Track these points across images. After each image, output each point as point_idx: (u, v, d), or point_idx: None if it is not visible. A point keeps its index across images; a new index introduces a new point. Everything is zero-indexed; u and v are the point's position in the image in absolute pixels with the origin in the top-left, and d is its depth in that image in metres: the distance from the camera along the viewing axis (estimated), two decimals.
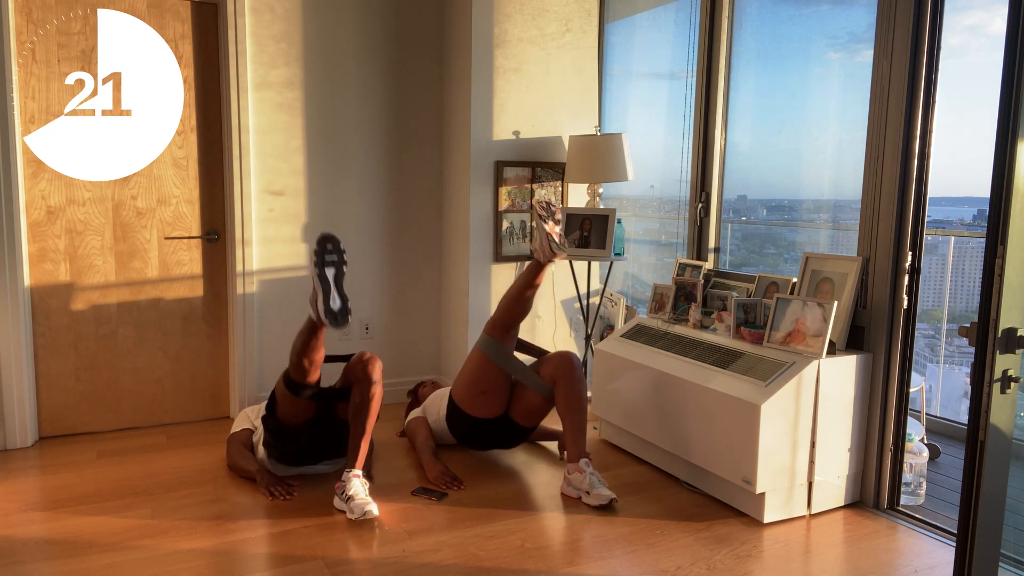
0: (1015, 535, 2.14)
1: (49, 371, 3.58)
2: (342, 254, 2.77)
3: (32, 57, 3.39)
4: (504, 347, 3.17)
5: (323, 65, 3.92)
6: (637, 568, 2.47)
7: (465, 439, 3.34)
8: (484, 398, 3.18)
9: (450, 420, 3.31)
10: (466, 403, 3.22)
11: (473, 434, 3.28)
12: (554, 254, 3.00)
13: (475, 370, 3.20)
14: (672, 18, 3.96)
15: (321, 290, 2.71)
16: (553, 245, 2.99)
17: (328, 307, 2.69)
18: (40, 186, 3.48)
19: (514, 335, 3.22)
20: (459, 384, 3.26)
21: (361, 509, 2.72)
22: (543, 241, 3.01)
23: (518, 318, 3.19)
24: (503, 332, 3.17)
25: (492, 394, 3.18)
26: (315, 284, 2.73)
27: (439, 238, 4.35)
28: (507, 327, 3.18)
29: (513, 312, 3.16)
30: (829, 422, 2.83)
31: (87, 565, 2.42)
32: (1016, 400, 1.83)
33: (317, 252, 2.74)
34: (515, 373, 3.18)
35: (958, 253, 3.94)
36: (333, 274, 2.72)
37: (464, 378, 3.24)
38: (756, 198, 3.81)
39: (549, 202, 3.09)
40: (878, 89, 2.83)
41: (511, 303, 3.15)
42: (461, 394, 3.24)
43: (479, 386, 3.18)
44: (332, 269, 2.73)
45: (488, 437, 3.30)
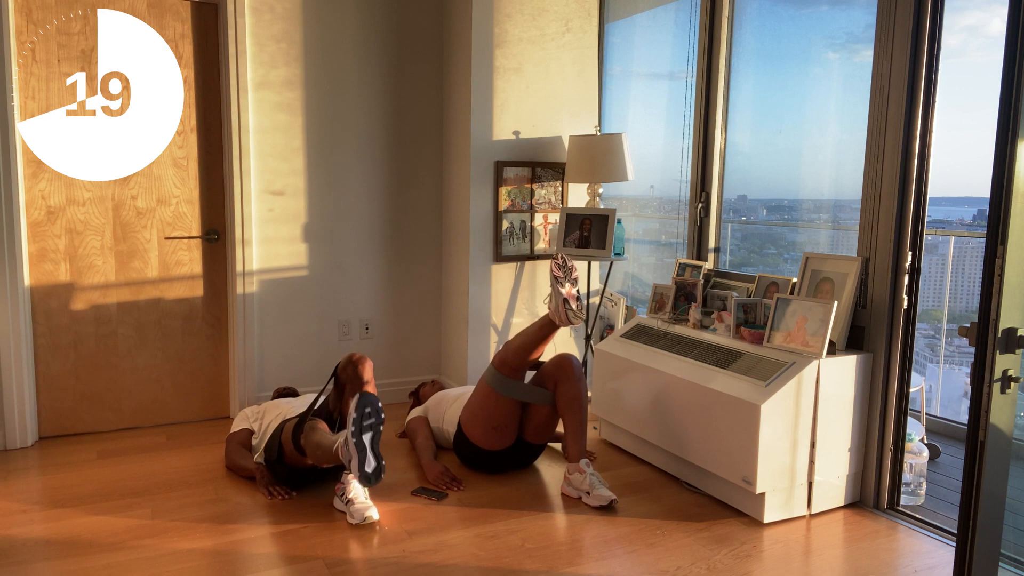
0: (1015, 535, 2.14)
1: (49, 371, 3.58)
2: (380, 416, 2.64)
3: (32, 57, 3.39)
4: (512, 381, 3.13)
5: (323, 65, 3.92)
6: (637, 568, 2.47)
7: (476, 467, 3.25)
8: (496, 433, 3.13)
9: (459, 450, 3.26)
10: (477, 438, 3.16)
11: (487, 464, 3.22)
12: (569, 321, 2.98)
13: (485, 406, 3.14)
14: (672, 18, 3.96)
15: (357, 455, 2.58)
16: (570, 313, 2.97)
17: (363, 471, 2.57)
18: (40, 186, 3.48)
19: (524, 374, 3.18)
20: (469, 417, 3.19)
21: (361, 514, 2.71)
22: (559, 306, 2.98)
23: (528, 365, 3.16)
24: (512, 372, 3.14)
25: (504, 428, 3.13)
26: (351, 449, 2.59)
27: (439, 238, 4.35)
28: (516, 370, 3.15)
29: (523, 360, 3.14)
30: (829, 422, 2.83)
31: (87, 565, 2.42)
32: (1016, 400, 1.83)
33: (356, 419, 2.59)
34: (524, 397, 3.14)
35: (958, 253, 3.94)
36: (370, 438, 2.61)
37: (473, 413, 3.18)
38: (756, 198, 3.81)
39: (565, 260, 3.03)
40: (878, 89, 2.83)
41: (522, 352, 3.12)
42: (472, 429, 3.17)
43: (490, 422, 3.13)
44: (370, 433, 2.61)
45: (503, 464, 3.24)
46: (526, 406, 3.17)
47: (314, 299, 4.05)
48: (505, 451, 3.18)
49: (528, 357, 3.13)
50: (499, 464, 3.22)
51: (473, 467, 3.25)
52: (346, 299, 4.14)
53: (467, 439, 3.20)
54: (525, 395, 3.13)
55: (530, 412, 3.17)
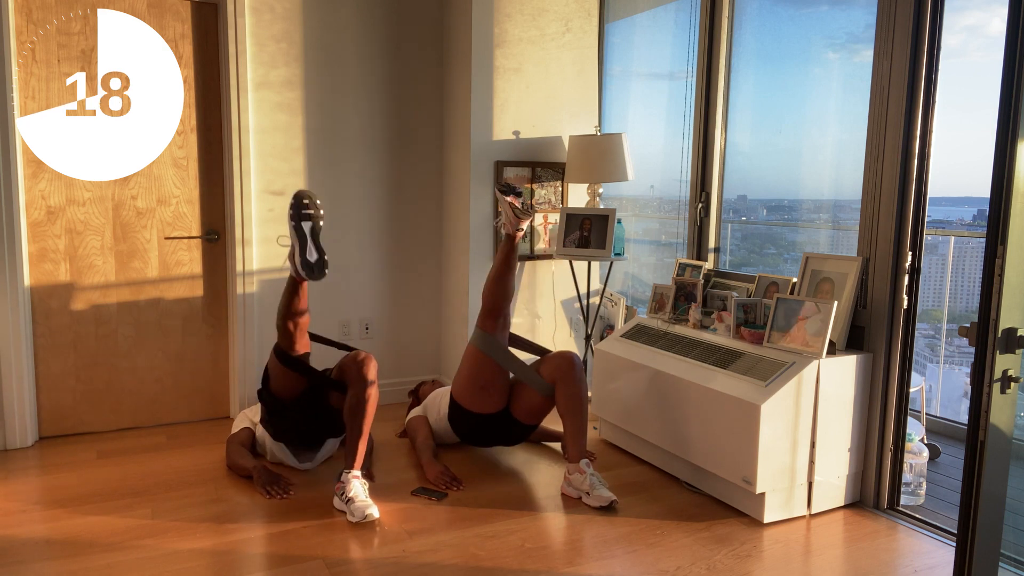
0: (1015, 535, 2.14)
1: (49, 371, 3.58)
2: (319, 208, 2.86)
3: (32, 57, 3.39)
4: (495, 339, 3.18)
5: (323, 65, 3.92)
6: (637, 568, 2.47)
7: (467, 436, 3.34)
8: (483, 393, 3.19)
9: (452, 418, 3.32)
10: (466, 399, 3.22)
11: (475, 431, 3.29)
12: (519, 219, 3.09)
13: (470, 365, 3.21)
14: (672, 18, 3.96)
15: (298, 243, 2.80)
16: (516, 211, 3.08)
17: (305, 259, 2.78)
18: (40, 186, 3.48)
19: (503, 325, 3.22)
20: (458, 381, 3.28)
21: (362, 512, 2.72)
22: (507, 213, 3.11)
23: (501, 302, 3.19)
24: (491, 321, 3.18)
25: (490, 388, 3.18)
26: (292, 238, 2.82)
27: (439, 238, 4.35)
28: (492, 314, 3.18)
29: (495, 296, 3.17)
30: (829, 422, 2.83)
31: (87, 565, 2.42)
32: (1016, 400, 1.83)
33: (294, 206, 2.83)
34: (515, 371, 3.19)
35: (958, 253, 3.94)
36: (310, 227, 2.82)
37: (462, 375, 3.26)
38: (756, 198, 3.81)
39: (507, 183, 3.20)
40: (878, 89, 2.83)
41: (491, 286, 3.18)
42: (460, 391, 3.25)
43: (477, 381, 3.19)
44: (309, 223, 2.82)
45: (490, 433, 3.30)
46: (517, 382, 3.21)
47: (314, 299, 4.05)
48: (492, 417, 3.21)
49: (497, 289, 3.17)
50: (487, 432, 3.27)
51: (465, 436, 3.32)
52: (346, 299, 4.14)
53: (458, 405, 3.25)
54: (511, 365, 3.19)
55: (521, 392, 3.20)
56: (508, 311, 3.25)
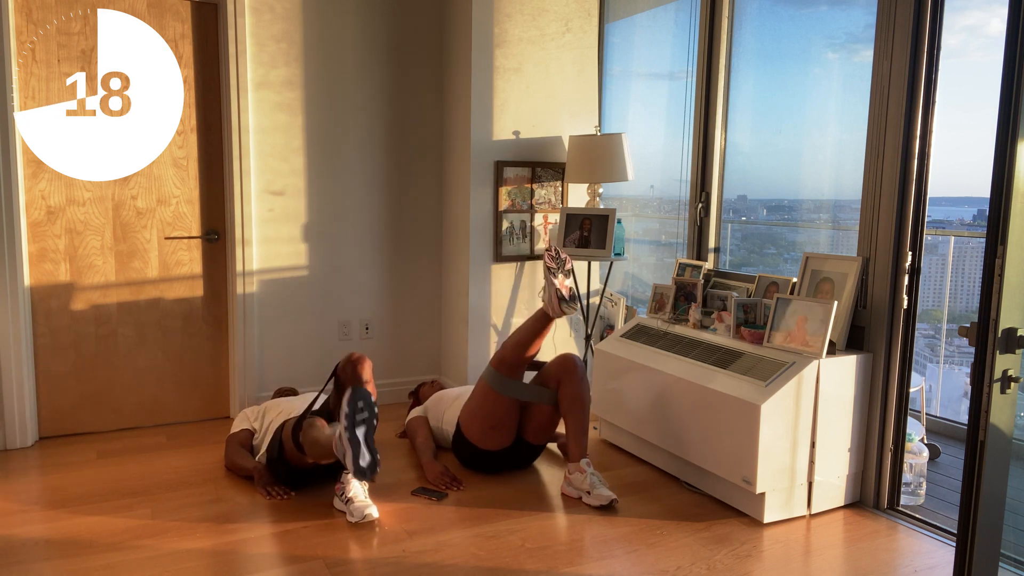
0: (1015, 535, 2.14)
1: (49, 371, 3.58)
2: (373, 409, 2.66)
3: (32, 57, 3.39)
4: (510, 380, 3.14)
5: (323, 65, 3.92)
6: (637, 568, 2.47)
7: (475, 467, 3.25)
8: (494, 432, 3.14)
9: (458, 450, 3.26)
10: (475, 437, 3.16)
11: (485, 463, 3.22)
12: (563, 312, 3.01)
13: (483, 405, 3.14)
14: (672, 18, 3.96)
15: (351, 449, 2.59)
16: (563, 304, 2.99)
17: (358, 465, 2.59)
18: (40, 186, 3.48)
19: (522, 372, 3.19)
20: (467, 417, 3.20)
21: (361, 512, 2.72)
22: (552, 297, 3.01)
23: (526, 361, 3.17)
24: (510, 371, 3.14)
25: (502, 427, 3.13)
26: (345, 444, 2.60)
27: (439, 238, 4.35)
28: (514, 368, 3.15)
29: (521, 356, 3.15)
30: (829, 422, 2.83)
31: (87, 565, 2.42)
32: (1016, 400, 1.83)
33: (348, 414, 2.61)
34: (523, 396, 3.15)
35: (958, 253, 3.94)
36: (364, 432, 2.62)
37: (472, 412, 3.18)
38: (756, 198, 3.81)
39: (558, 251, 3.06)
40: (878, 89, 2.83)
41: (518, 349, 3.13)
42: (470, 428, 3.17)
43: (488, 421, 3.13)
44: (363, 427, 2.63)
45: (501, 464, 3.23)
46: (527, 406, 3.17)
47: (314, 299, 4.05)
48: (503, 451, 3.18)
49: (525, 353, 3.14)
50: (497, 464, 3.21)
51: (471, 467, 3.25)
52: (346, 299, 4.14)
53: (465, 439, 3.20)
54: (524, 394, 3.14)
55: (531, 412, 3.17)
56: None
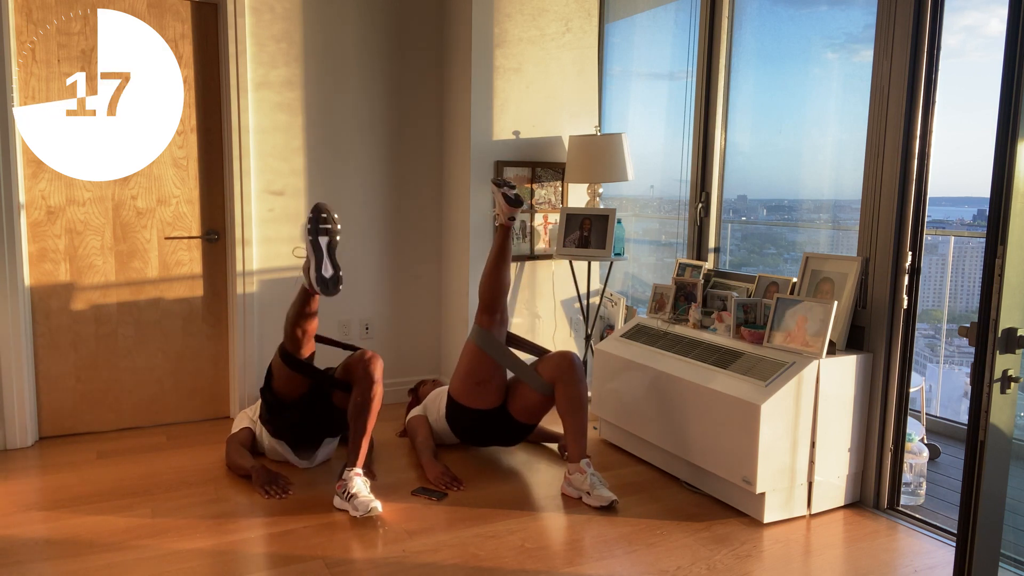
0: (1015, 535, 2.14)
1: (49, 371, 3.58)
2: (335, 223, 2.83)
3: (32, 57, 3.39)
4: (492, 335, 3.19)
5: (323, 65, 3.92)
6: (637, 568, 2.47)
7: (464, 434, 3.34)
8: (479, 388, 3.19)
9: (449, 416, 3.33)
10: (462, 395, 3.23)
11: (472, 428, 3.29)
12: (511, 208, 3.17)
13: (468, 361, 3.23)
14: (672, 18, 3.96)
15: (314, 257, 2.78)
16: (509, 200, 3.17)
17: (320, 274, 2.76)
18: (40, 186, 3.48)
19: (501, 321, 3.24)
20: (455, 378, 3.29)
21: (366, 506, 2.72)
22: (500, 203, 3.19)
23: (497, 295, 3.21)
24: (488, 317, 3.20)
25: (487, 384, 3.19)
26: (308, 252, 2.80)
27: (439, 238, 4.35)
28: (489, 309, 3.20)
29: (491, 289, 3.20)
30: (829, 422, 2.83)
31: (87, 565, 2.42)
32: (1016, 400, 1.83)
33: (311, 220, 2.80)
34: (513, 369, 3.20)
35: (958, 253, 3.94)
36: (326, 242, 2.79)
37: (459, 371, 3.27)
38: (756, 198, 3.81)
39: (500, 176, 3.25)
40: (878, 89, 2.83)
41: (487, 280, 3.21)
42: (457, 387, 3.26)
43: (473, 377, 3.20)
44: (325, 237, 2.79)
45: (487, 431, 3.30)
46: (515, 380, 3.22)
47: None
48: (489, 414, 3.21)
49: (493, 282, 3.20)
50: (484, 430, 3.27)
51: (463, 435, 3.33)
52: (346, 299, 4.13)
53: (455, 402, 3.26)
54: (517, 369, 3.19)
55: (519, 389, 3.20)
56: (505, 307, 3.27)
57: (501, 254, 3.20)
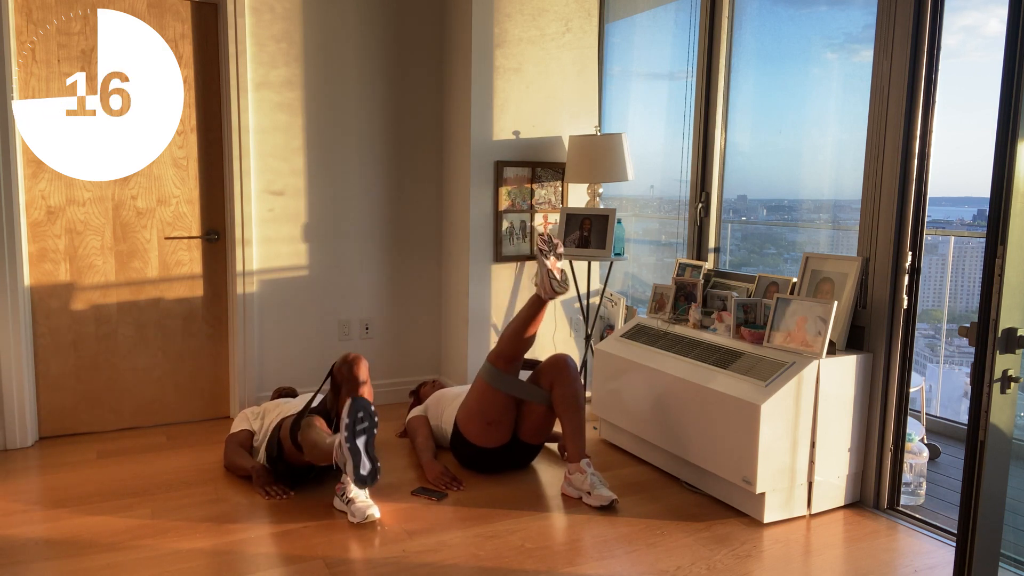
0: (1015, 535, 2.14)
1: (49, 371, 3.58)
2: (373, 418, 2.69)
3: (32, 57, 3.39)
4: (508, 376, 3.14)
5: (323, 65, 3.92)
6: (637, 568, 2.47)
7: (471, 466, 3.25)
8: (491, 428, 3.14)
9: (455, 448, 3.26)
10: (473, 435, 3.17)
11: (483, 462, 3.22)
12: (555, 293, 3.03)
13: (480, 400, 3.15)
14: (672, 18, 3.96)
15: (352, 459, 2.63)
16: (555, 284, 3.02)
17: (359, 474, 2.63)
18: (40, 186, 3.48)
19: (518, 366, 3.20)
20: (465, 415, 3.21)
21: (363, 513, 2.72)
22: (544, 278, 3.04)
23: (522, 351, 3.18)
24: (507, 364, 3.15)
25: (499, 424, 3.14)
26: (345, 454, 2.63)
27: (439, 238, 4.35)
28: (511, 360, 3.16)
29: (516, 346, 3.16)
30: (829, 422, 2.83)
31: (87, 565, 2.42)
32: (1016, 400, 1.83)
33: (348, 425, 2.63)
34: (520, 394, 3.15)
35: (958, 253, 3.94)
36: (364, 442, 2.65)
37: (469, 410, 3.19)
38: (756, 198, 3.81)
39: (550, 236, 3.10)
40: (878, 89, 2.83)
41: (515, 337, 3.15)
42: (468, 426, 3.18)
43: (485, 417, 3.14)
44: (364, 437, 2.66)
45: (499, 463, 3.24)
46: (521, 405, 3.17)
47: (314, 299, 4.05)
48: (501, 449, 3.18)
49: (521, 338, 3.15)
50: (495, 463, 3.21)
51: (469, 467, 3.25)
52: (346, 299, 4.14)
53: (463, 437, 3.20)
54: (520, 391, 3.14)
55: (525, 411, 3.17)
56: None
57: (534, 321, 3.12)
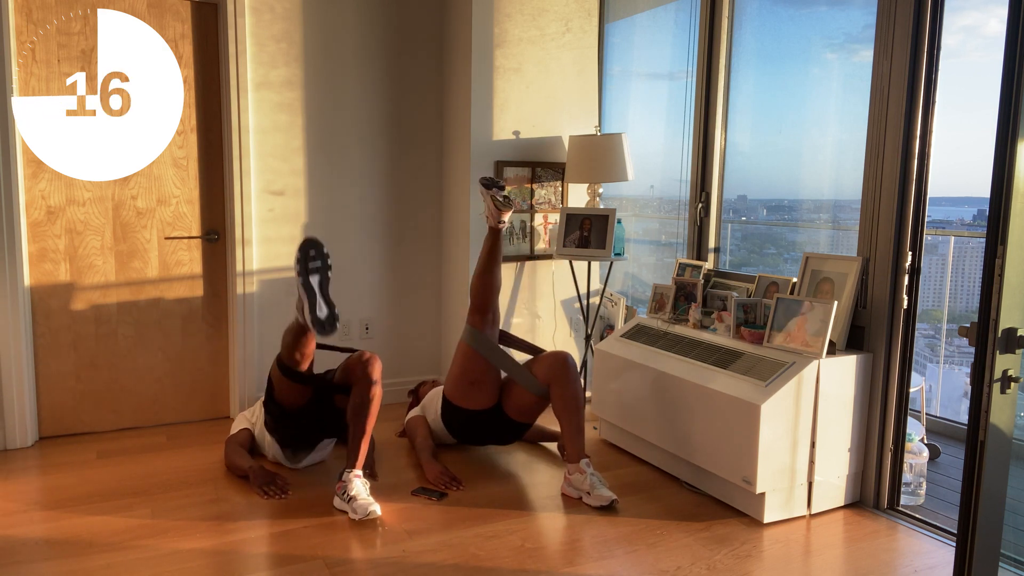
0: (1015, 535, 2.14)
1: (49, 371, 3.58)
2: (326, 259, 2.71)
3: (32, 57, 3.39)
4: (484, 335, 3.19)
5: (323, 65, 3.92)
6: (637, 568, 2.47)
7: (460, 433, 3.35)
8: (473, 389, 3.20)
9: (445, 416, 3.33)
10: (457, 396, 3.24)
11: (467, 427, 3.29)
12: (500, 211, 3.12)
13: (461, 362, 3.23)
14: (672, 18, 3.96)
15: (307, 298, 2.67)
16: (497, 203, 3.11)
17: (315, 316, 2.66)
18: (40, 186, 3.48)
19: (492, 321, 3.24)
20: (449, 379, 3.30)
21: (365, 509, 2.72)
22: (489, 206, 3.14)
23: (488, 296, 3.21)
24: (479, 317, 3.20)
25: (480, 384, 3.19)
26: (300, 292, 2.68)
27: (439, 238, 4.35)
28: (480, 309, 3.20)
29: (482, 290, 3.19)
30: (829, 422, 2.83)
31: (87, 565, 2.42)
32: (1016, 400, 1.83)
33: (300, 260, 2.69)
34: (506, 369, 3.20)
35: (958, 253, 3.94)
36: (318, 281, 2.69)
37: (452, 371, 3.27)
38: (756, 198, 3.81)
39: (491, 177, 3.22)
40: (878, 89, 2.83)
41: (477, 280, 3.21)
42: (451, 388, 3.27)
43: (467, 377, 3.20)
44: (317, 276, 2.69)
45: (483, 430, 3.31)
46: (509, 380, 3.22)
47: None
48: (484, 413, 3.21)
49: (484, 283, 3.19)
50: (480, 429, 3.27)
51: (458, 435, 3.32)
52: (346, 299, 4.13)
53: (449, 402, 3.26)
54: (510, 369, 3.18)
55: (513, 388, 3.21)
56: (497, 307, 3.26)
57: (492, 255, 3.19)
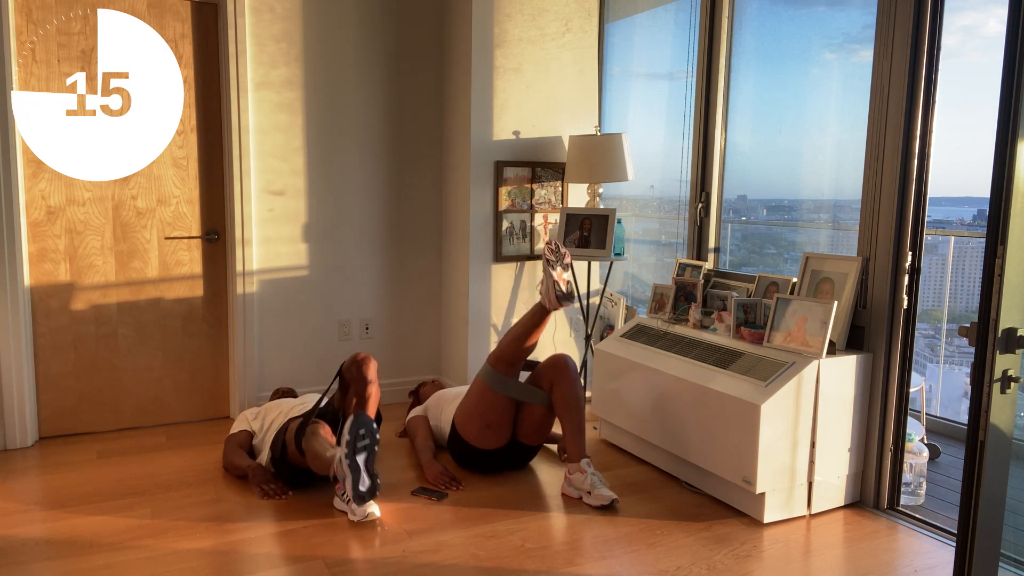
0: (1015, 535, 2.14)
1: (49, 371, 3.58)
2: (375, 436, 2.67)
3: (32, 57, 3.39)
4: (508, 379, 3.14)
5: (323, 65, 3.92)
6: (637, 568, 2.47)
7: (469, 466, 3.25)
8: (490, 431, 3.13)
9: (453, 448, 3.26)
10: (471, 436, 3.16)
11: (481, 463, 3.21)
12: (560, 304, 3.01)
13: (479, 402, 3.15)
14: (672, 18, 3.96)
15: (351, 475, 2.63)
16: (560, 295, 2.99)
17: (357, 491, 2.63)
18: (40, 186, 3.48)
19: (518, 370, 3.19)
20: (463, 416, 3.20)
21: (363, 511, 2.72)
22: (549, 289, 3.02)
23: (522, 357, 3.18)
24: (507, 368, 3.15)
25: (498, 426, 3.13)
26: (345, 469, 2.61)
27: (439, 238, 4.35)
28: (511, 364, 3.16)
29: (517, 351, 3.15)
30: (829, 422, 2.83)
31: (87, 565, 2.42)
32: (1016, 400, 1.83)
33: (349, 441, 2.61)
34: (519, 395, 3.15)
35: (958, 253, 3.94)
36: (364, 459, 2.64)
37: (468, 411, 3.19)
38: (756, 198, 3.81)
39: (558, 246, 3.07)
40: (878, 89, 2.83)
41: (516, 343, 3.14)
42: (466, 427, 3.17)
43: (484, 419, 3.13)
44: (364, 454, 2.64)
45: (496, 464, 3.23)
46: (520, 406, 3.17)
47: (314, 299, 4.05)
48: (499, 451, 3.17)
49: (523, 346, 3.14)
50: (493, 464, 3.21)
51: (467, 467, 3.24)
52: (346, 299, 4.14)
53: (461, 438, 3.19)
54: (520, 393, 3.14)
55: (524, 412, 3.17)
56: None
57: (536, 328, 3.10)
